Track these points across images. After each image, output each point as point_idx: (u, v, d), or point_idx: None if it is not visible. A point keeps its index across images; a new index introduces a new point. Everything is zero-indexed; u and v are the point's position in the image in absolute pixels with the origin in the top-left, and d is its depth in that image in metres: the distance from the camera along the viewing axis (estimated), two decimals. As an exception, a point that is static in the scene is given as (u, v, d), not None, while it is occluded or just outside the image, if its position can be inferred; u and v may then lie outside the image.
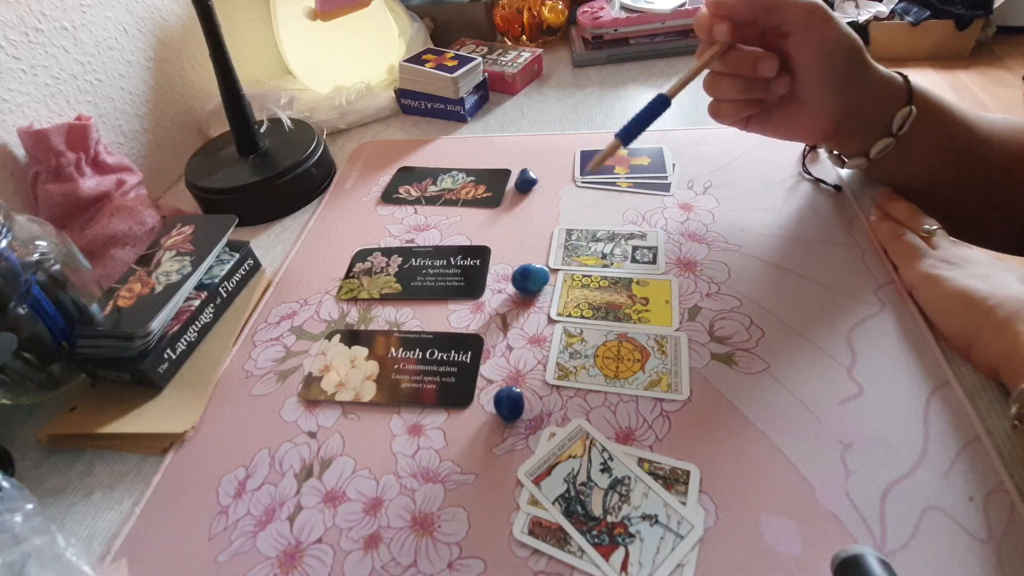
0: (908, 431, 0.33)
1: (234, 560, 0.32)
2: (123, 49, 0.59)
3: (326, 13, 0.63)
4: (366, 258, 0.50)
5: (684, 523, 0.30)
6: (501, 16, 0.77)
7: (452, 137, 0.66)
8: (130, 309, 0.41)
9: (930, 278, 0.38)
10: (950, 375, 0.35)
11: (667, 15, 0.71)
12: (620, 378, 0.38)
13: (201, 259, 0.45)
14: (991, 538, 0.28)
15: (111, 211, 0.51)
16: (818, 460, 0.32)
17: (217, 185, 0.56)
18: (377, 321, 0.45)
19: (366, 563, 0.31)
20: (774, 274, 0.43)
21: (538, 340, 0.41)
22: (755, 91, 0.42)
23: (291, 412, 0.39)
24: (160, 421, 0.39)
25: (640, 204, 0.52)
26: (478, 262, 0.48)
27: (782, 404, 0.35)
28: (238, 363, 0.43)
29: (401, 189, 0.58)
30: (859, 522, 0.30)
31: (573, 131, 0.63)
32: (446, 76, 0.65)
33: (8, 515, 0.28)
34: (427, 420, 0.37)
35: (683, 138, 0.59)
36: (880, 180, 0.48)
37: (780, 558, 0.29)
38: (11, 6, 0.49)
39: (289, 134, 0.61)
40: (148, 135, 0.63)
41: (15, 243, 0.38)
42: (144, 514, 0.35)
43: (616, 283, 0.44)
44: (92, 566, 0.29)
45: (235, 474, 0.36)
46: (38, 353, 0.40)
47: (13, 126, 0.49)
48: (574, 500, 0.32)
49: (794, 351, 0.38)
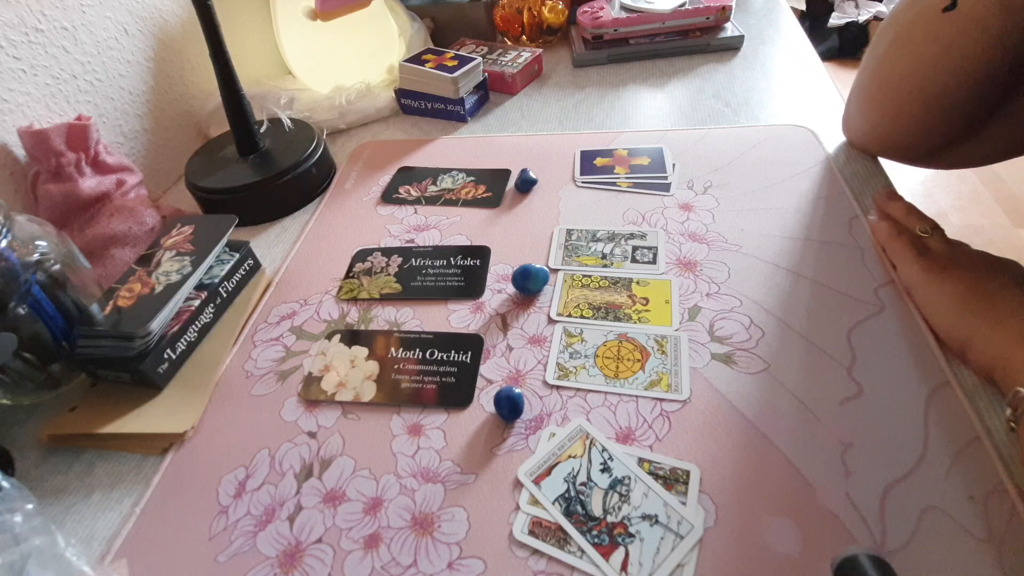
0: (908, 431, 0.33)
1: (234, 560, 0.32)
2: (123, 49, 0.59)
3: (326, 13, 0.63)
4: (366, 258, 0.50)
5: (684, 523, 0.30)
6: (501, 16, 0.77)
7: (452, 137, 0.66)
8: (130, 309, 0.41)
9: (926, 279, 0.38)
10: (950, 375, 0.35)
11: (667, 15, 0.71)
12: (620, 378, 0.38)
13: (201, 259, 0.45)
14: (991, 538, 0.28)
15: (111, 211, 0.51)
16: (818, 460, 0.32)
17: (217, 185, 0.56)
18: (377, 321, 0.45)
19: (366, 563, 0.31)
20: (774, 274, 0.43)
21: (538, 340, 0.41)
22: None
23: (291, 412, 0.39)
24: (160, 421, 0.39)
25: (640, 204, 0.52)
26: (478, 262, 0.48)
27: (782, 404, 0.35)
28: (238, 363, 0.43)
29: (401, 189, 0.58)
30: (859, 522, 0.30)
31: (573, 131, 0.63)
32: (446, 76, 0.65)
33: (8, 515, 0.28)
34: (427, 420, 0.37)
35: (683, 138, 0.59)
36: None
37: (780, 558, 0.29)
38: (11, 6, 0.49)
39: (289, 134, 0.61)
40: (148, 135, 0.63)
41: (15, 243, 0.38)
42: (144, 514, 0.35)
43: (616, 283, 0.44)
44: (92, 566, 0.29)
45: (235, 474, 0.36)
46: (38, 353, 0.40)
47: (13, 126, 0.49)
48: (574, 500, 0.32)
49: (794, 351, 0.38)
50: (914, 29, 0.43)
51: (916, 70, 0.43)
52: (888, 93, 0.47)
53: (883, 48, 0.46)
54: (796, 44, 0.74)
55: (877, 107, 0.49)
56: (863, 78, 0.49)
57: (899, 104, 0.46)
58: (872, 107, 0.49)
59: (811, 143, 0.55)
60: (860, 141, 0.53)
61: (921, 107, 0.44)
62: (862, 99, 0.50)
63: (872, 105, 0.49)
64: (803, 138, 0.56)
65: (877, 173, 0.51)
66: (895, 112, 0.47)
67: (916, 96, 0.44)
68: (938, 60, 0.42)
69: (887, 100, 0.47)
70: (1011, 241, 1.57)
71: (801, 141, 0.55)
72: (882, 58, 0.46)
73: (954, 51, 0.41)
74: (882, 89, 0.47)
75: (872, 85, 0.48)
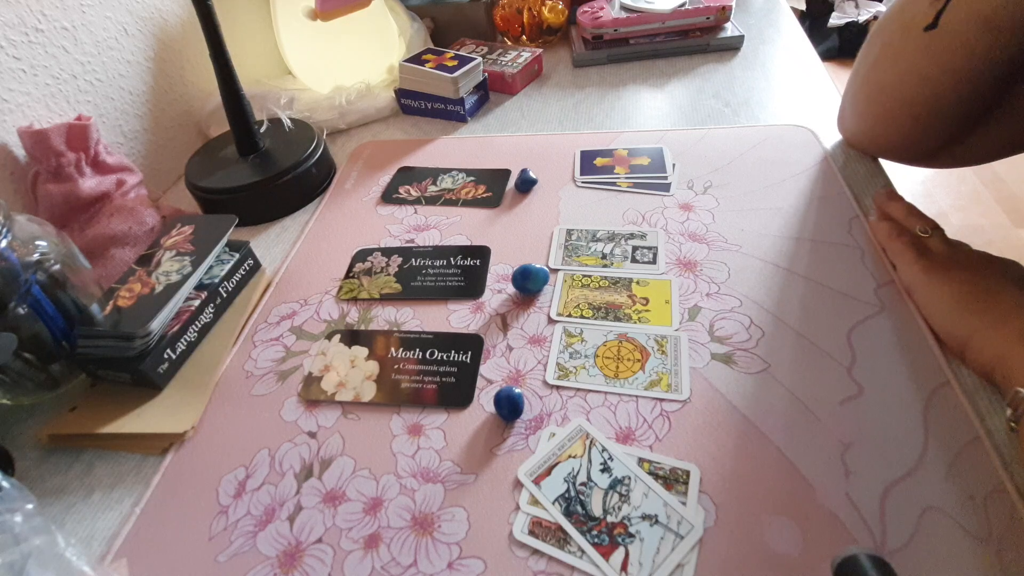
0: (908, 431, 0.33)
1: (234, 560, 0.32)
2: (123, 49, 0.59)
3: (326, 13, 0.63)
4: (366, 258, 0.50)
5: (684, 523, 0.30)
6: (501, 16, 0.77)
7: (452, 137, 0.66)
8: (130, 309, 0.41)
9: (926, 279, 0.38)
10: (950, 375, 0.35)
11: (667, 15, 0.71)
12: (620, 378, 0.38)
13: (201, 259, 0.45)
14: (991, 538, 0.28)
15: (111, 211, 0.51)
16: (818, 460, 0.32)
17: (217, 185, 0.56)
18: (377, 321, 0.45)
19: (366, 563, 0.31)
20: (774, 274, 0.43)
21: (538, 340, 0.41)
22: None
23: (291, 412, 0.39)
24: (160, 421, 0.39)
25: (640, 204, 0.52)
26: (478, 262, 0.48)
27: (782, 404, 0.35)
28: (238, 363, 0.43)
29: (401, 189, 0.58)
30: (859, 522, 0.30)
31: (573, 131, 0.63)
32: (446, 76, 0.65)
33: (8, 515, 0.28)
34: (427, 420, 0.37)
35: (683, 138, 0.59)
36: None
37: (780, 558, 0.29)
38: (11, 6, 0.49)
39: (289, 134, 0.61)
40: (148, 135, 0.63)
41: (15, 243, 0.38)
42: (144, 514, 0.35)
43: (616, 283, 0.44)
44: (92, 566, 0.29)
45: (235, 474, 0.36)
46: (38, 353, 0.40)
47: (13, 126, 0.49)
48: (574, 500, 0.32)
49: (794, 351, 0.38)
50: (903, 41, 0.43)
51: (905, 81, 0.43)
52: (879, 100, 0.47)
53: (873, 55, 0.46)
54: (796, 44, 0.74)
55: (869, 112, 0.49)
56: (855, 82, 0.50)
57: (890, 111, 0.46)
58: (865, 111, 0.49)
59: (811, 143, 0.55)
60: (855, 140, 0.53)
61: (911, 115, 0.44)
62: (855, 102, 0.51)
63: (865, 109, 0.49)
64: (803, 138, 0.56)
65: (877, 173, 0.51)
66: (887, 117, 0.47)
67: (906, 105, 0.44)
68: (923, 73, 0.42)
69: (879, 106, 0.47)
70: (1011, 241, 1.57)
71: (801, 141, 0.56)
72: (872, 65, 0.47)
73: (939, 66, 0.41)
74: (873, 95, 0.47)
75: (863, 91, 0.48)
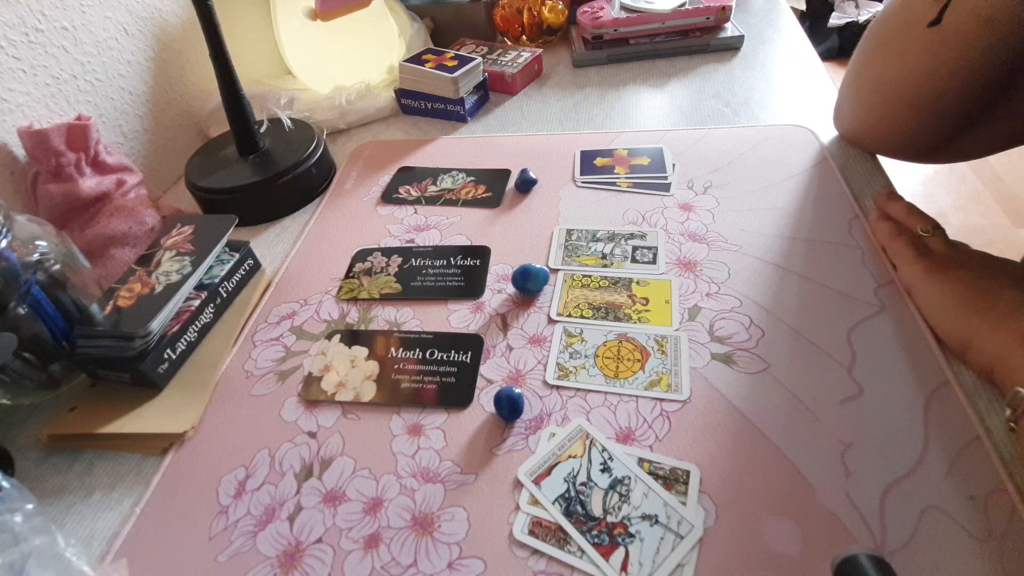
0: (908, 431, 0.33)
1: (234, 560, 0.32)
2: (123, 49, 0.59)
3: (326, 13, 0.63)
4: (366, 258, 0.50)
5: (684, 523, 0.30)
6: (501, 16, 0.77)
7: (452, 137, 0.66)
8: (130, 309, 0.41)
9: (926, 279, 0.38)
10: (950, 375, 0.35)
11: (667, 15, 0.71)
12: (620, 378, 0.38)
13: (201, 259, 0.45)
14: (991, 538, 0.28)
15: (111, 211, 0.51)
16: (818, 460, 0.32)
17: (217, 185, 0.56)
18: (377, 321, 0.45)
19: (366, 563, 0.31)
20: (774, 274, 0.43)
21: (538, 340, 0.41)
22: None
23: (291, 412, 0.39)
24: (160, 421, 0.39)
25: (640, 204, 0.52)
26: (478, 262, 0.48)
27: (782, 404, 0.35)
28: (238, 363, 0.43)
29: (401, 189, 0.58)
30: (859, 522, 0.30)
31: (573, 131, 0.63)
32: (446, 76, 0.65)
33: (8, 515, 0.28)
34: (427, 420, 0.37)
35: (683, 138, 0.59)
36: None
37: (780, 558, 0.29)
38: (11, 6, 0.49)
39: (289, 134, 0.61)
40: (148, 135, 0.63)
41: (15, 243, 0.38)
42: (144, 514, 0.35)
43: (616, 283, 0.44)
44: (92, 566, 0.29)
45: (235, 474, 0.36)
46: (38, 353, 0.40)
47: (13, 126, 0.49)
48: (574, 500, 0.32)
49: (794, 351, 0.38)
50: (904, 37, 0.43)
51: (906, 78, 0.43)
52: (879, 97, 0.47)
53: (871, 51, 0.46)
54: (796, 44, 0.74)
55: (868, 108, 0.49)
56: (853, 78, 0.49)
57: (890, 107, 0.46)
58: (863, 107, 0.49)
59: (811, 143, 0.55)
60: (853, 137, 0.53)
61: (912, 112, 0.44)
62: (853, 99, 0.50)
63: (863, 106, 0.49)
64: (803, 138, 0.56)
65: (877, 173, 0.51)
66: (886, 114, 0.47)
67: (907, 102, 0.44)
68: (929, 69, 0.42)
69: (878, 103, 0.47)
70: (1011, 241, 1.57)
71: (801, 141, 0.55)
72: (871, 62, 0.46)
73: (944, 63, 0.41)
74: (872, 93, 0.47)
75: (862, 88, 0.48)
